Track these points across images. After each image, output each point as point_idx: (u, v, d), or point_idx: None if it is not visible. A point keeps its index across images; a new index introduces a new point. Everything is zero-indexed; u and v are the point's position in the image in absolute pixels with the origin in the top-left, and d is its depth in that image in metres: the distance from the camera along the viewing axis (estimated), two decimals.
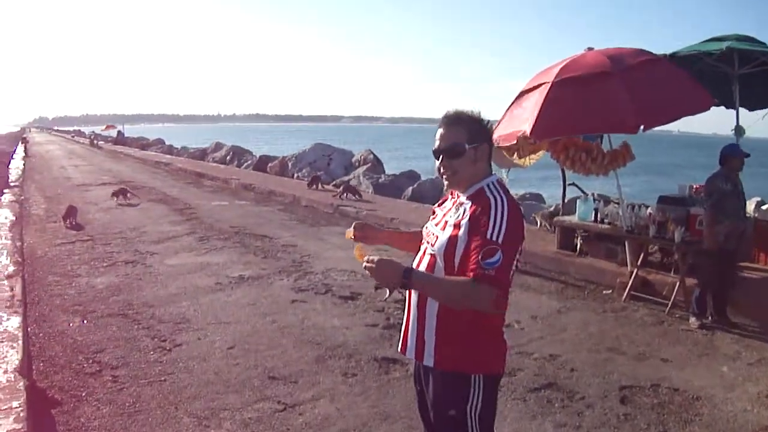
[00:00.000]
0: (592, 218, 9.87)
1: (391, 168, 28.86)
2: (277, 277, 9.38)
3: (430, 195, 19.46)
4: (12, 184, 20.17)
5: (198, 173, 26.38)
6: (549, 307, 8.06)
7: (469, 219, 2.67)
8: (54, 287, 8.73)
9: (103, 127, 79.75)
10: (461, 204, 2.80)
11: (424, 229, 3.01)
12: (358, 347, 6.55)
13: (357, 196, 17.73)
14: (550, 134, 8.91)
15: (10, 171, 24.89)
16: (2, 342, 5.80)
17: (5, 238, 10.87)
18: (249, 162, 31.88)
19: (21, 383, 4.97)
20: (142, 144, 55.22)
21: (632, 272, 8.56)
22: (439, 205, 3.08)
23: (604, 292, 8.75)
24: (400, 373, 5.86)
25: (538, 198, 21.89)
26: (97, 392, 5.46)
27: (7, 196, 16.49)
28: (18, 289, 7.71)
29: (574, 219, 10.28)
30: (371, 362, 6.15)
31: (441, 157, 2.86)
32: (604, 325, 7.43)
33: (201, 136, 50.20)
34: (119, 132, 63.99)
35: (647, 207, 9.43)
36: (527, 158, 10.25)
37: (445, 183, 2.91)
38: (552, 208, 13.44)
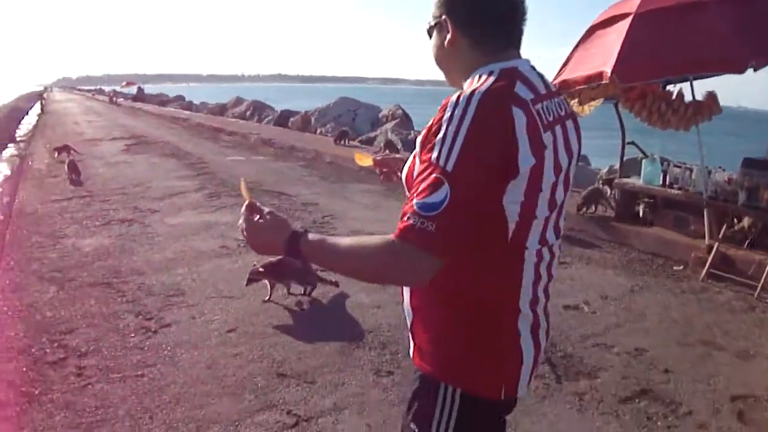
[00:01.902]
0: (660, 182, 8.43)
1: (421, 124, 27.39)
2: None
3: None
4: (18, 139, 19.30)
5: (216, 128, 25.10)
6: (619, 285, 6.62)
7: (424, 133, 1.66)
8: (35, 250, 7.51)
9: (123, 83, 78.85)
10: None
11: None
12: (394, 334, 5.15)
13: (396, 154, 16.21)
14: (635, 76, 7.59)
15: (20, 126, 24.08)
16: None
17: None
18: (270, 117, 30.59)
19: None
20: (162, 100, 54.23)
21: (711, 246, 7.10)
22: None
23: (675, 268, 7.28)
24: None
25: (583, 159, 20.28)
26: (54, 389, 4.22)
27: (9, 151, 15.49)
28: None
29: (638, 182, 8.81)
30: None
31: None
32: (688, 310, 6.00)
33: (223, 95, 49.05)
34: (139, 88, 62.88)
35: (723, 170, 8.08)
36: (586, 105, 8.90)
37: None
38: (606, 170, 11.99)
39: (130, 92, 66.85)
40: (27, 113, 33.18)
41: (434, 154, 1.54)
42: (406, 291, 1.88)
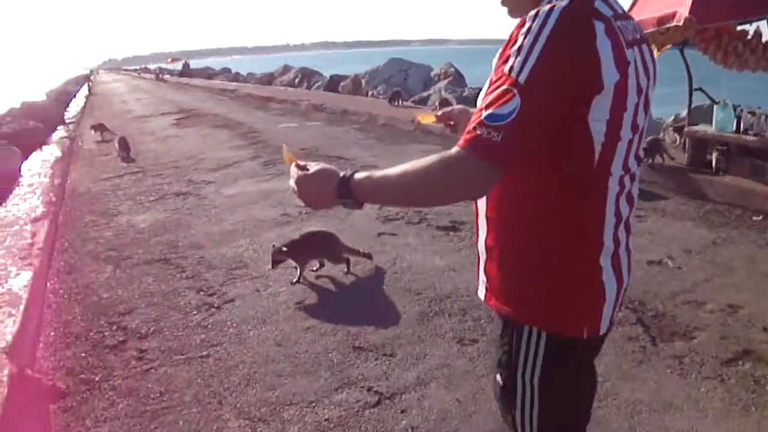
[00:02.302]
0: (734, 128, 7.81)
1: (474, 82, 26.70)
2: None
3: None
4: (68, 121, 19.27)
5: (265, 97, 24.76)
6: (701, 238, 6.08)
7: (501, 49, 1.59)
8: (89, 229, 7.28)
9: (168, 60, 79.24)
10: None
11: None
12: (473, 298, 4.66)
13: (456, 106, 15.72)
14: (713, 17, 7.07)
15: (68, 109, 24.15)
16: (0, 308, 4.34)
17: (44, 176, 9.58)
18: (319, 83, 30.23)
19: (5, 371, 3.45)
20: (208, 74, 54.30)
21: None
22: None
23: (754, 218, 6.67)
24: None
25: None
26: (115, 375, 3.94)
27: (59, 133, 15.40)
28: (41, 236, 6.28)
29: (709, 129, 8.20)
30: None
31: None
32: None
33: (269, 65, 48.96)
34: (185, 64, 62.91)
35: None
36: (655, 51, 8.32)
37: None
38: (672, 119, 11.30)
39: (176, 68, 67.05)
40: (74, 96, 33.35)
41: (508, 66, 1.49)
42: (483, 227, 1.82)
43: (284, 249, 5.19)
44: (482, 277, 1.87)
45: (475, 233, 1.89)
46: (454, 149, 1.52)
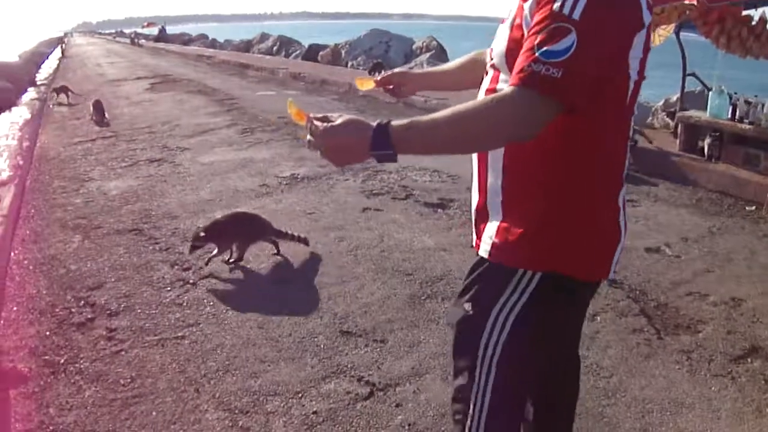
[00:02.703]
0: (728, 116, 7.62)
1: (456, 57, 26.46)
2: (340, 177, 7.26)
3: None
4: (39, 82, 18.72)
5: (242, 64, 24.25)
6: (696, 226, 5.87)
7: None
8: (58, 195, 6.91)
9: (144, 24, 78.20)
10: None
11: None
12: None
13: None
14: None
15: (40, 70, 23.54)
16: None
17: (12, 138, 9.21)
18: (297, 52, 29.86)
19: None
20: (184, 40, 53.57)
21: None
22: None
23: (747, 208, 6.48)
24: None
25: None
26: (82, 357, 3.65)
27: (29, 95, 14.92)
28: (6, 201, 5.99)
29: (703, 115, 7.98)
30: None
31: None
32: None
33: (247, 33, 48.26)
34: (161, 29, 62.05)
35: None
36: (656, 34, 8.11)
37: None
38: (662, 103, 11.10)
39: (152, 33, 66.15)
40: (47, 57, 32.69)
41: (557, 4, 1.48)
42: (495, 180, 1.75)
43: (202, 234, 4.78)
44: (488, 233, 1.79)
45: (479, 190, 1.83)
46: (509, 88, 1.51)
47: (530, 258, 1.70)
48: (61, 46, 46.16)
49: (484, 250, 1.80)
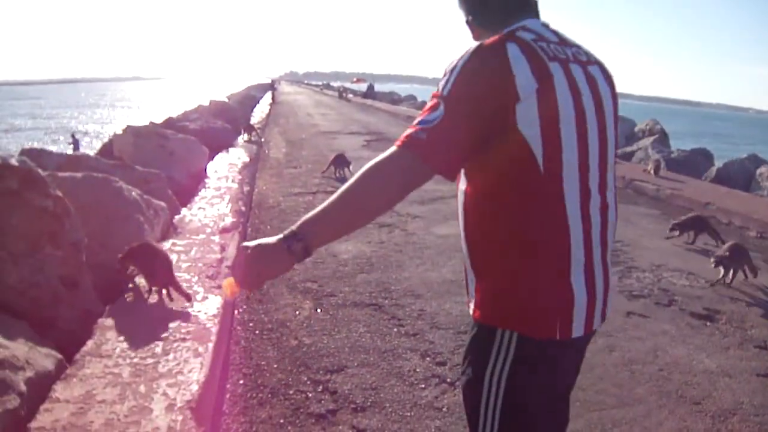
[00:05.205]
0: None
1: (676, 144, 25.01)
2: None
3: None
4: (255, 126, 19.38)
5: None
6: None
7: None
8: None
9: (353, 80, 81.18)
10: None
11: None
12: (763, 417, 3.69)
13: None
14: None
15: (253, 114, 24.58)
16: (184, 341, 3.66)
17: (232, 180, 9.15)
18: None
19: None
20: (393, 99, 54.85)
21: None
22: None
23: None
24: None
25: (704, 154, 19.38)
26: None
27: (245, 137, 15.26)
28: (231, 250, 5.66)
29: None
30: None
31: None
32: None
33: None
34: (369, 86, 63.99)
35: None
36: None
37: None
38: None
39: (360, 89, 68.36)
40: (258, 102, 34.47)
41: (439, 85, 1.80)
42: (466, 251, 1.96)
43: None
44: (471, 293, 1.98)
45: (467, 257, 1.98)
46: (391, 149, 1.79)
47: (499, 316, 1.87)
48: (272, 93, 48.57)
49: (471, 309, 1.97)
